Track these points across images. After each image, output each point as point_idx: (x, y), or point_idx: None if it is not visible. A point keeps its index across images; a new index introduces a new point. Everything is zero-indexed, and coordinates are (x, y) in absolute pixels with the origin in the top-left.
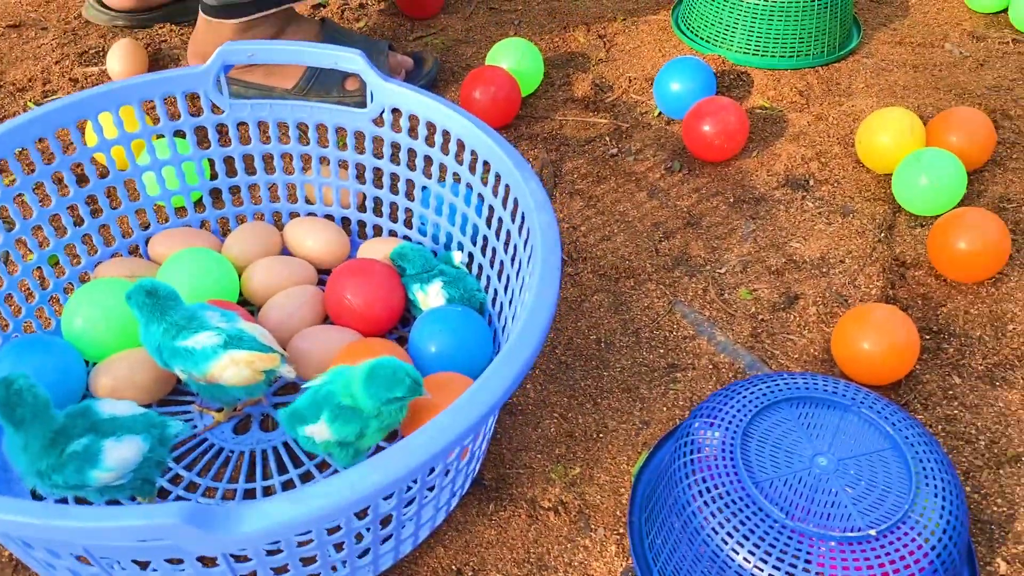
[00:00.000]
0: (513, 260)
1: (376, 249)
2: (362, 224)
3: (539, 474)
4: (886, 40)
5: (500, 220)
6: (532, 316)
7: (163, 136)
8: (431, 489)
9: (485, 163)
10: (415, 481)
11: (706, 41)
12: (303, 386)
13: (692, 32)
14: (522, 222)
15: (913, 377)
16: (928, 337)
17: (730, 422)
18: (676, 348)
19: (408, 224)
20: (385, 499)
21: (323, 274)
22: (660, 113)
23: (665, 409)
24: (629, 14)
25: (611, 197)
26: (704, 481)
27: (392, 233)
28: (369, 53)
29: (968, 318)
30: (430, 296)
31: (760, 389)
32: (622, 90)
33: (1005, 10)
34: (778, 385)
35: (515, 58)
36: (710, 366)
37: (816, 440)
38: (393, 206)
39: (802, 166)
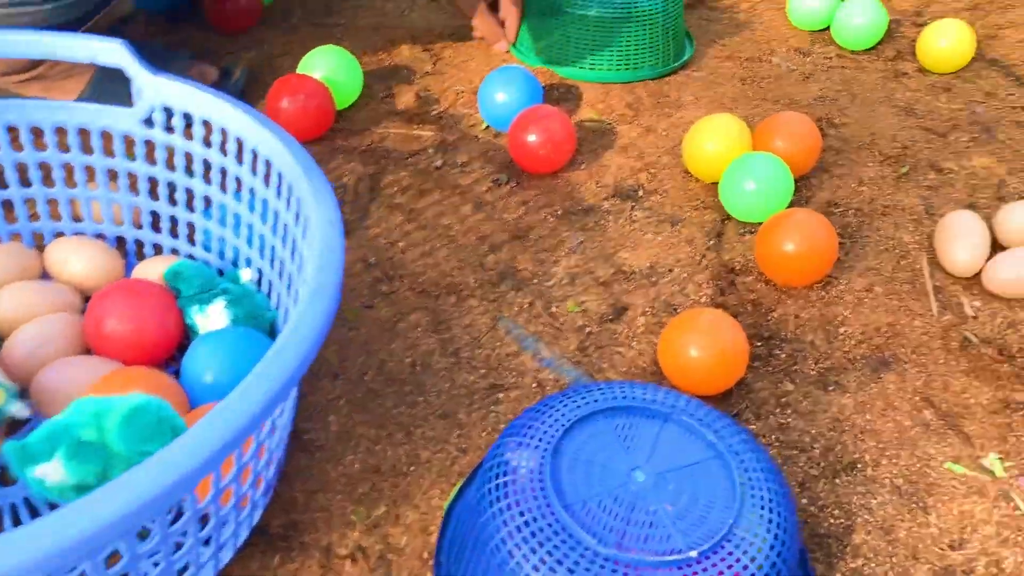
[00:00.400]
0: (299, 271)
1: (154, 270)
2: (140, 243)
3: (337, 517)
4: (715, 55)
5: (286, 226)
6: (295, 329)
7: None
8: (179, 545)
9: (267, 162)
10: (145, 534)
11: (537, 56)
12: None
13: (524, 47)
14: (306, 225)
15: (745, 385)
16: (760, 344)
17: (540, 439)
18: (499, 367)
19: (191, 240)
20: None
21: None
22: (488, 126)
23: (485, 434)
24: (458, 29)
25: (434, 211)
26: (511, 508)
27: (174, 251)
28: (166, 61)
29: (799, 323)
30: (211, 318)
31: (575, 401)
32: (448, 103)
33: (827, 28)
34: (594, 396)
35: (329, 67)
36: (534, 384)
37: (633, 453)
38: (173, 220)
39: (631, 177)
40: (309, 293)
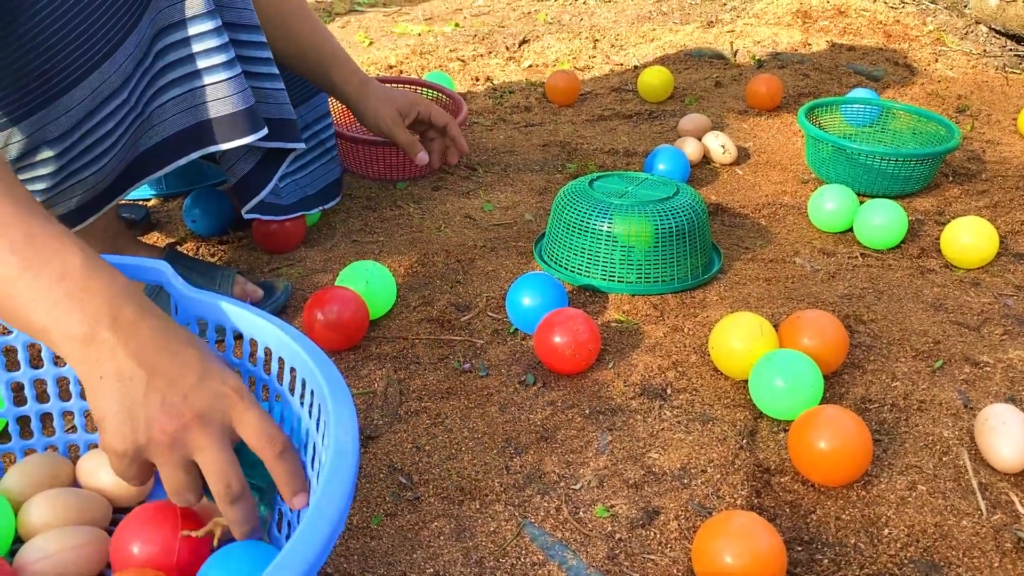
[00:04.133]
0: (318, 478)
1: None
2: None
3: None
4: (739, 257)
5: (307, 432)
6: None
7: None
8: None
9: (292, 370)
10: None
11: (566, 270)
12: None
13: (554, 261)
14: (326, 430)
15: None
16: (800, 548)
17: None
18: None
19: None
20: None
21: (120, 513)
22: (516, 330)
23: None
24: (490, 242)
25: (460, 414)
26: None
27: None
28: (214, 279)
29: (840, 524)
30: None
31: None
32: (478, 309)
33: (850, 229)
34: None
35: (364, 279)
36: None
37: None
38: None
39: (659, 375)
40: (316, 501)
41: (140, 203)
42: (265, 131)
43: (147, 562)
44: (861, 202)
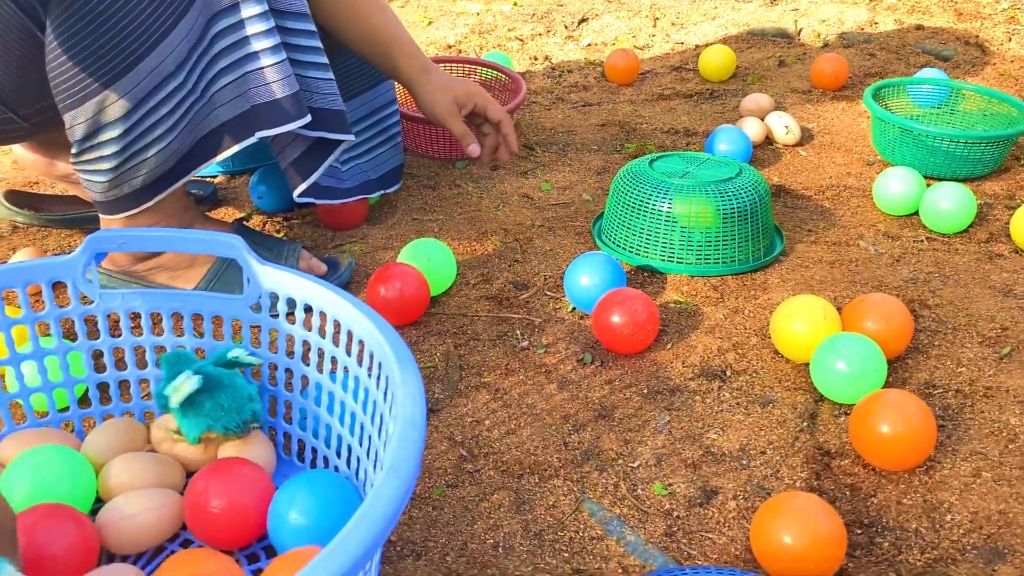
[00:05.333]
0: (385, 447)
1: (248, 451)
2: None
3: None
4: (801, 239)
5: (375, 403)
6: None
7: (24, 328)
8: None
9: (360, 343)
10: None
11: (625, 250)
12: None
13: (612, 242)
14: (392, 400)
15: (846, 575)
16: (860, 531)
17: None
18: (582, 551)
19: (287, 419)
20: None
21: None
22: (574, 309)
23: None
24: (547, 222)
25: (519, 390)
26: None
27: (271, 429)
28: (281, 254)
29: (901, 509)
30: (179, 389)
31: None
32: (536, 288)
33: (916, 213)
34: None
35: (425, 256)
36: (619, 570)
37: None
38: (272, 399)
39: (718, 357)
40: (388, 466)
41: (207, 179)
42: (308, 119)
43: (219, 515)
44: (928, 185)
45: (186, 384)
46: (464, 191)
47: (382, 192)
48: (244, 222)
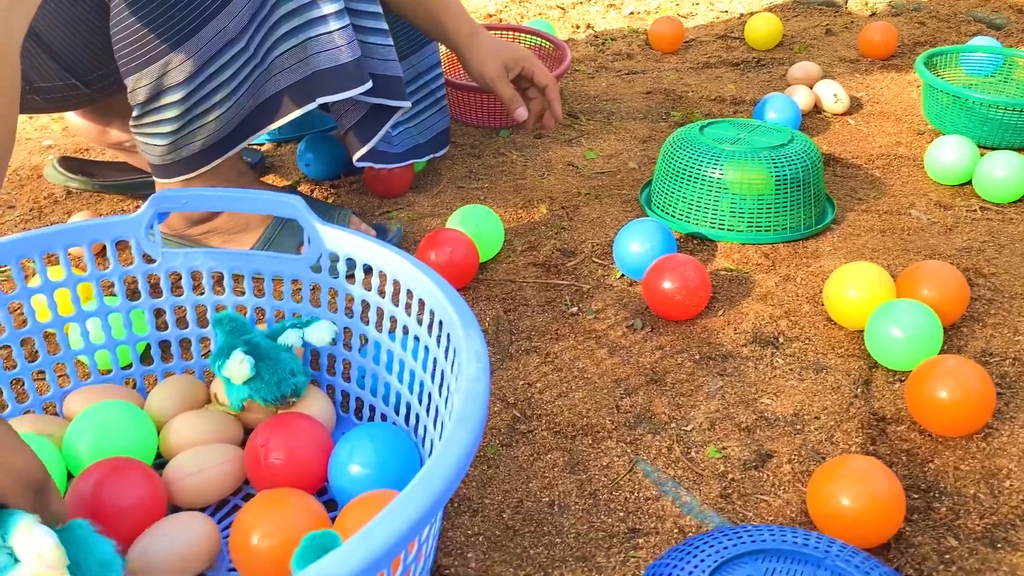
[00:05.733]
0: (446, 403)
1: (307, 406)
2: None
3: None
4: (852, 208)
5: (435, 360)
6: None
7: (90, 285)
8: None
9: (420, 302)
10: None
11: (674, 217)
12: None
13: (660, 209)
14: (453, 356)
15: (903, 539)
16: (916, 496)
17: None
18: (637, 510)
19: (346, 377)
20: None
21: None
22: (622, 275)
23: None
24: (593, 190)
25: (569, 355)
26: None
27: (330, 388)
28: (331, 218)
29: (959, 475)
30: (232, 370)
31: (720, 543)
32: (584, 255)
33: (969, 182)
34: (740, 538)
35: (474, 222)
36: (675, 530)
37: None
38: (331, 358)
39: (770, 324)
40: (456, 419)
41: (255, 147)
42: (369, 84)
43: (280, 468)
44: (981, 154)
45: (239, 369)
46: (509, 159)
47: (431, 156)
48: (295, 186)
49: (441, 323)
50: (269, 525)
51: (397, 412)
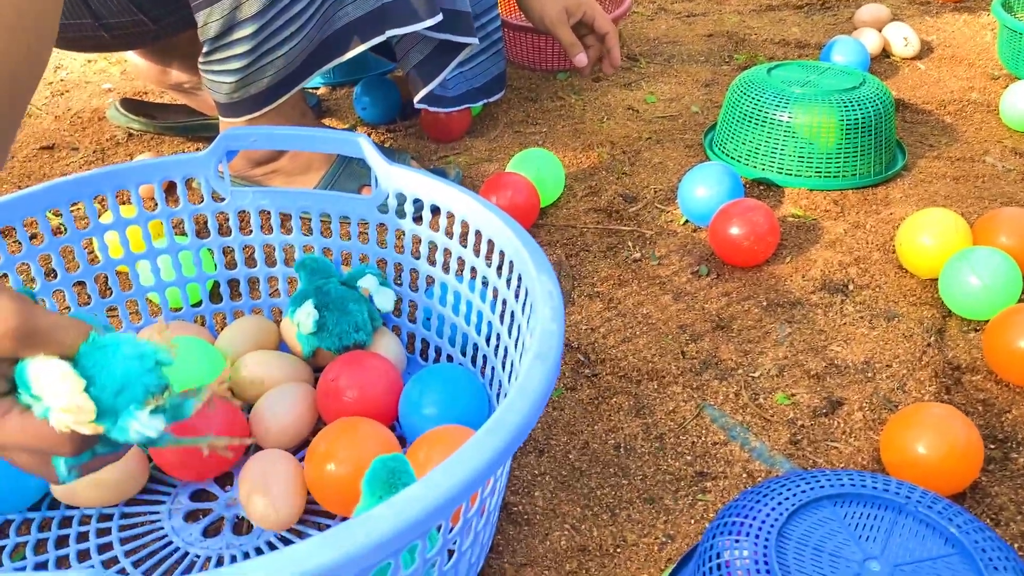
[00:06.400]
0: (517, 344)
1: (379, 346)
2: None
3: None
4: (923, 154)
5: (504, 302)
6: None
7: (160, 223)
8: None
9: (490, 242)
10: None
11: (739, 162)
12: None
13: (725, 154)
14: (525, 297)
15: (979, 489)
16: (993, 446)
17: (762, 523)
18: (705, 455)
19: (412, 318)
20: None
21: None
22: (686, 221)
23: (693, 522)
24: (655, 134)
25: (633, 300)
26: None
27: (395, 328)
28: (391, 160)
29: None
30: (300, 322)
31: (798, 486)
32: (647, 201)
33: None
34: (819, 482)
35: (535, 166)
36: (744, 474)
37: (866, 543)
38: (397, 299)
39: (840, 271)
40: (534, 354)
41: (311, 91)
42: (439, 17)
43: (352, 404)
44: None
45: (305, 322)
46: (567, 103)
47: (485, 101)
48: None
49: (511, 264)
50: (344, 452)
51: (464, 354)
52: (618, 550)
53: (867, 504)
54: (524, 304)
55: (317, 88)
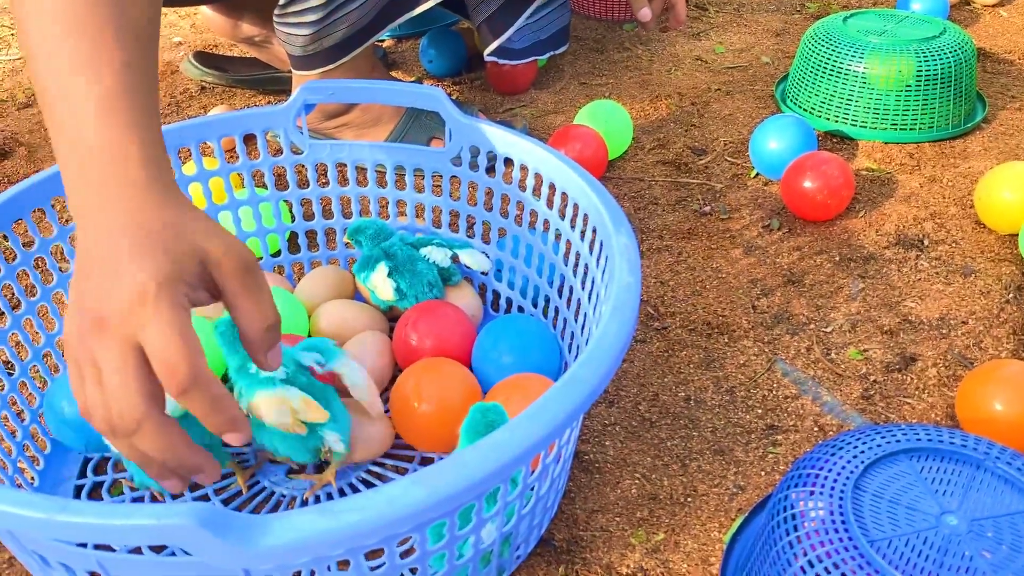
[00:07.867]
0: (591, 296)
1: (455, 297)
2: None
3: (617, 538)
4: (1004, 106)
5: (578, 254)
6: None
7: (240, 175)
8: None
9: (564, 195)
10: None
11: (812, 114)
12: None
13: (797, 106)
14: (600, 250)
15: None
16: None
17: (837, 476)
18: (776, 408)
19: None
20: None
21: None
22: (757, 174)
23: (763, 474)
24: (724, 85)
25: (703, 254)
26: (809, 538)
27: (467, 279)
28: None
29: None
30: (378, 287)
31: (873, 440)
32: (716, 154)
33: None
34: (894, 436)
35: (603, 119)
36: (815, 428)
37: (943, 497)
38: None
39: (915, 226)
40: (612, 307)
41: (378, 44)
42: None
43: (429, 352)
44: None
45: (384, 288)
46: (634, 54)
47: (551, 53)
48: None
49: (586, 216)
50: (429, 389)
51: (535, 305)
52: (688, 499)
53: (944, 459)
54: (599, 257)
55: (383, 41)
